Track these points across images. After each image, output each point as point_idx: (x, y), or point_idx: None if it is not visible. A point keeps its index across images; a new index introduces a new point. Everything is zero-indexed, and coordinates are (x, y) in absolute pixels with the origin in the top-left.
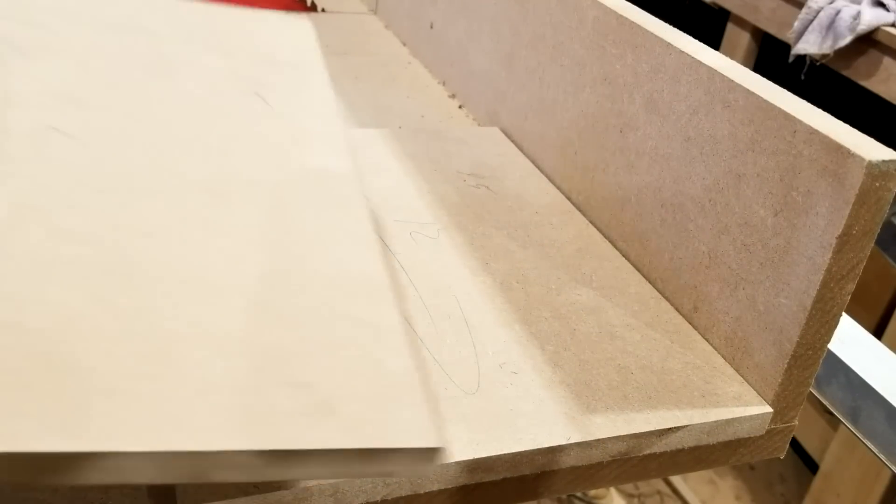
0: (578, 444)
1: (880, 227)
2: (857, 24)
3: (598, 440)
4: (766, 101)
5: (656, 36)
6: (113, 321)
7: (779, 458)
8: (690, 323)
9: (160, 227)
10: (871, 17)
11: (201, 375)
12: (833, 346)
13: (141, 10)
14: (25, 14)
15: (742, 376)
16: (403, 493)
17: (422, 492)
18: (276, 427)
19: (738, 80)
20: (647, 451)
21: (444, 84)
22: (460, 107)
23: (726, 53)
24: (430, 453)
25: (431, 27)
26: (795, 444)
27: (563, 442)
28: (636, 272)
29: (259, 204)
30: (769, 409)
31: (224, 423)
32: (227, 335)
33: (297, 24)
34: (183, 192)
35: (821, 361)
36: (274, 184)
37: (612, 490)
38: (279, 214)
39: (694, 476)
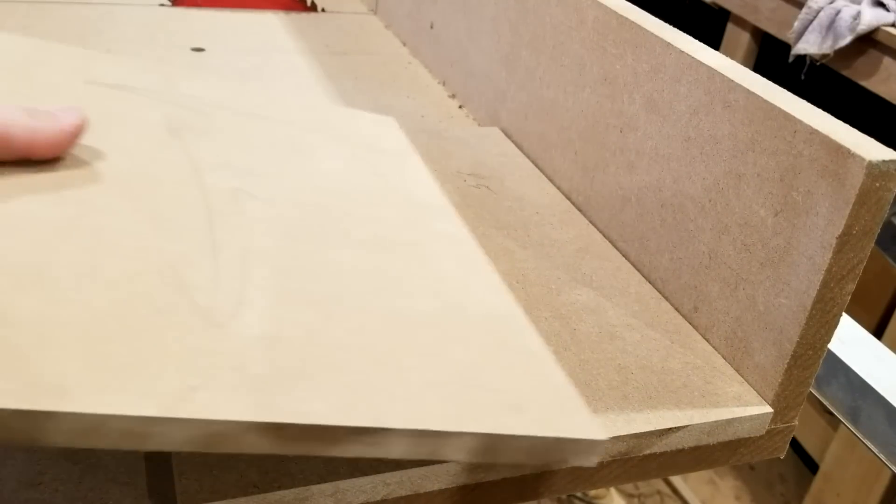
0: None
1: (880, 227)
2: (857, 24)
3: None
4: (766, 101)
5: (656, 36)
6: (344, 336)
7: (779, 458)
8: (690, 323)
9: (351, 272)
10: (871, 17)
11: (420, 379)
12: (833, 346)
13: (262, 103)
14: (182, 100)
15: (742, 376)
16: (403, 493)
17: (422, 491)
18: (487, 417)
19: (738, 80)
20: (647, 451)
21: (444, 84)
22: (460, 107)
23: (726, 53)
24: (597, 445)
25: (431, 27)
26: (795, 444)
27: None
28: (636, 272)
29: (413, 259)
30: (769, 410)
31: (451, 412)
32: (426, 351)
33: (385, 122)
34: (353, 247)
35: (821, 361)
36: (418, 244)
37: (612, 490)
38: (430, 267)
39: (694, 476)
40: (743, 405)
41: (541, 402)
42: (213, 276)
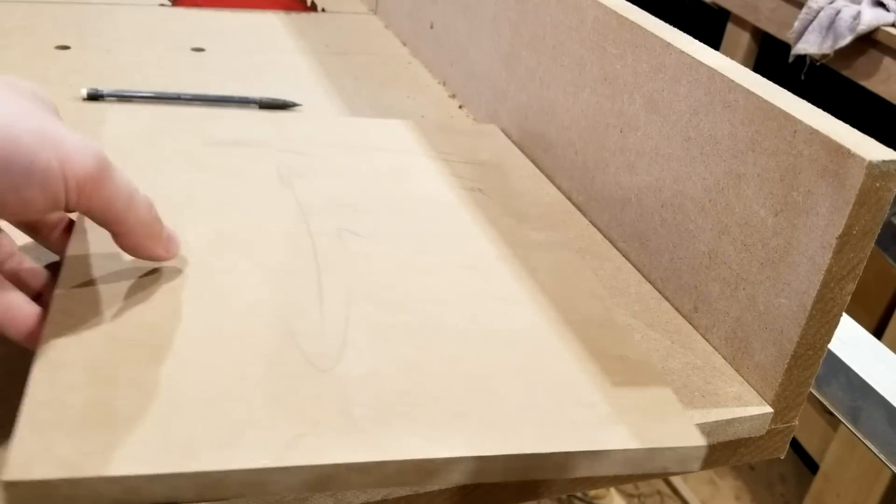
0: None
1: (880, 227)
2: (857, 24)
3: None
4: (766, 101)
5: (656, 36)
6: (441, 366)
7: (779, 458)
8: (690, 323)
9: (449, 297)
10: (871, 17)
11: (518, 400)
12: (833, 346)
13: (359, 132)
14: (290, 145)
15: (742, 376)
16: (403, 494)
17: (421, 492)
18: (583, 435)
19: (738, 80)
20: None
21: (444, 84)
22: (460, 107)
23: (726, 53)
24: (697, 451)
25: (431, 27)
26: (795, 444)
27: None
28: (636, 272)
29: (511, 274)
30: (769, 410)
31: (546, 433)
32: (521, 371)
33: (490, 131)
34: (451, 270)
35: (821, 361)
36: (517, 256)
37: (612, 490)
38: (528, 281)
39: (694, 476)
40: (743, 405)
41: (637, 413)
42: (319, 321)
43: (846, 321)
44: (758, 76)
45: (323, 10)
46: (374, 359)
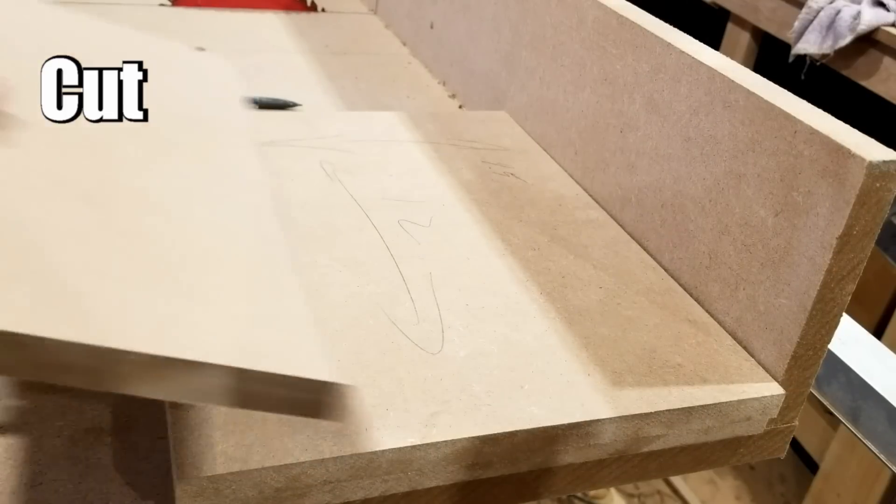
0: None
1: (880, 227)
2: (857, 24)
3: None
4: (766, 102)
5: (656, 36)
6: (534, 341)
7: (779, 458)
8: None
9: (521, 277)
10: (871, 17)
11: (612, 368)
12: (833, 346)
13: (390, 127)
14: (325, 142)
15: None
16: (402, 490)
17: (420, 488)
18: (679, 393)
19: (738, 81)
20: (647, 449)
21: (444, 84)
22: (460, 107)
23: (726, 53)
24: (778, 399)
25: (431, 27)
26: (795, 444)
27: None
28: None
29: (570, 251)
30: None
31: (647, 395)
32: (608, 340)
33: (501, 117)
34: (516, 252)
35: (821, 362)
36: (570, 235)
37: (612, 490)
38: (586, 256)
39: (694, 476)
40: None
41: (719, 370)
42: (413, 308)
43: (846, 321)
44: (758, 76)
45: (323, 10)
46: (475, 339)
